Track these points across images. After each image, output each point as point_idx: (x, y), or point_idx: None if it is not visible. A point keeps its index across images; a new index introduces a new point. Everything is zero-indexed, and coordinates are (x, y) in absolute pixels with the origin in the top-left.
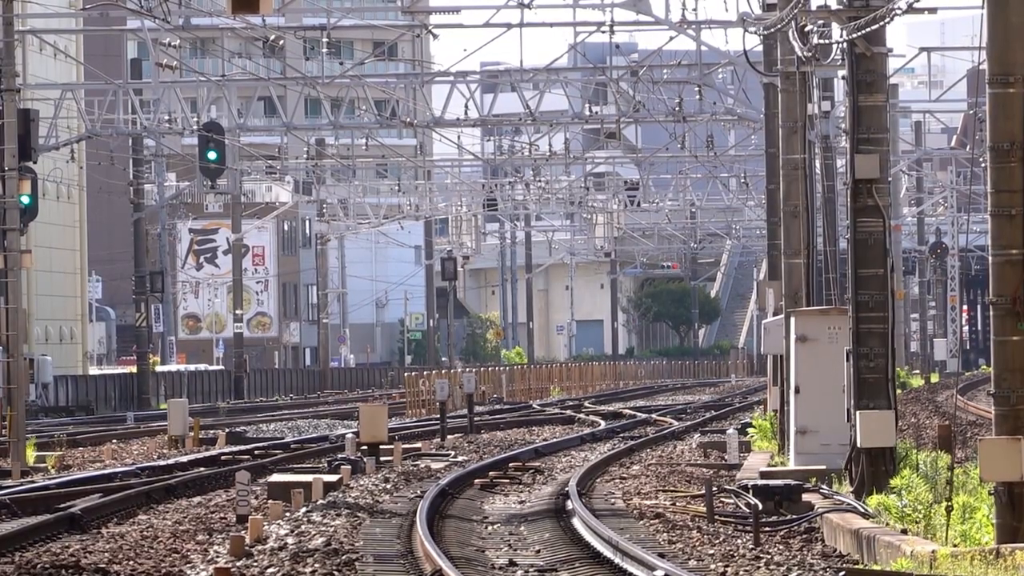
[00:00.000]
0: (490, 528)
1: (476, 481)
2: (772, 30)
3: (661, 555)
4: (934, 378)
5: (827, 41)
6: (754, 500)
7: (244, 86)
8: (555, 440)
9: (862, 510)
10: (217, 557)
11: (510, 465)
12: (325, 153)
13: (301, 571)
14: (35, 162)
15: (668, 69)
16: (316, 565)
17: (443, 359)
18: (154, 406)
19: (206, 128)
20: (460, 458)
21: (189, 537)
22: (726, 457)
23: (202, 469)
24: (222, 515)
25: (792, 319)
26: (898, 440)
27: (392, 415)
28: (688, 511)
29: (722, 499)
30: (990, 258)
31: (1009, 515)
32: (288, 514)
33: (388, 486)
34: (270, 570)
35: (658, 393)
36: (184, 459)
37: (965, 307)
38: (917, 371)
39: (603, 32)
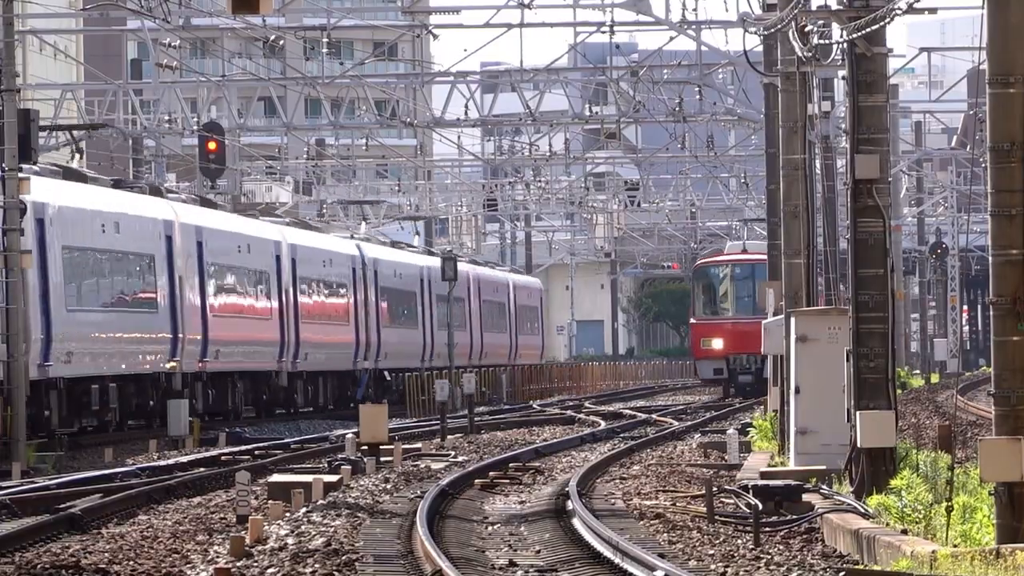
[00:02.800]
0: (490, 528)
1: (476, 481)
2: (772, 30)
3: (661, 555)
4: (934, 378)
5: (827, 41)
6: (754, 500)
7: (244, 86)
8: (555, 440)
9: (862, 510)
10: (217, 557)
11: (510, 465)
12: (325, 153)
13: (301, 571)
14: (35, 162)
15: (668, 69)
16: (316, 565)
17: None
18: None
19: (206, 128)
20: (460, 458)
21: (189, 537)
22: (726, 457)
23: (202, 469)
24: (222, 515)
25: (792, 319)
26: (898, 440)
27: (392, 415)
28: (688, 511)
29: (722, 499)
30: (990, 258)
31: (1009, 515)
32: (288, 514)
33: (388, 486)
34: (270, 570)
35: (658, 393)
36: (184, 459)
37: (965, 307)
38: (917, 371)
39: (603, 32)
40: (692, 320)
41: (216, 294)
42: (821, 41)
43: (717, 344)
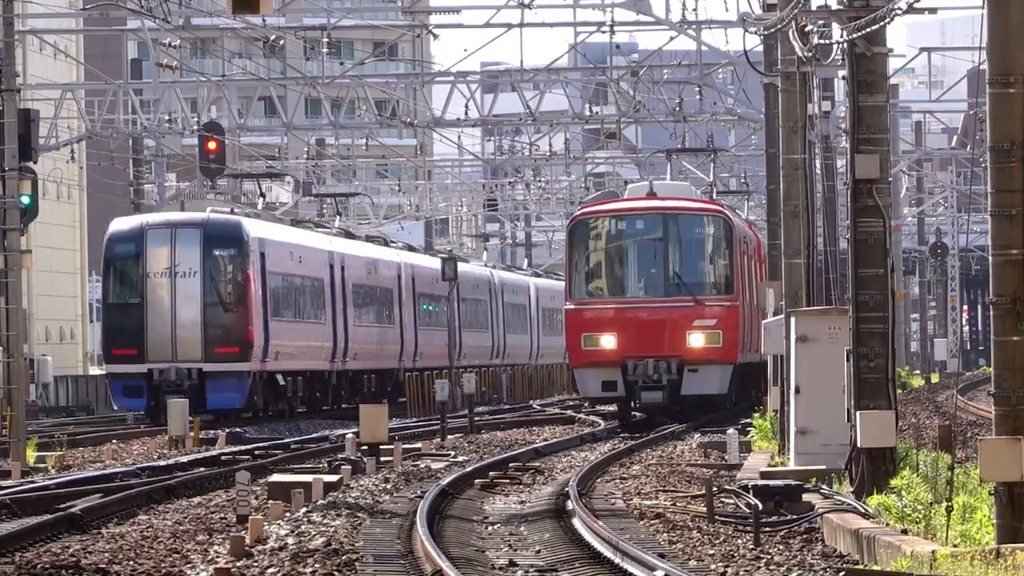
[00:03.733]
0: (490, 528)
1: (476, 481)
2: (772, 30)
3: (661, 555)
4: (934, 378)
5: (827, 41)
6: (754, 500)
7: (244, 86)
8: (555, 440)
9: (862, 510)
10: (217, 557)
11: (510, 465)
12: (325, 153)
13: (301, 571)
14: (35, 162)
15: (668, 69)
16: (316, 565)
17: None
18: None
19: (206, 128)
20: (460, 458)
21: (189, 537)
22: (726, 457)
23: (202, 469)
24: (222, 515)
25: (792, 319)
26: (898, 440)
27: (393, 415)
28: (688, 511)
29: (722, 499)
30: (990, 258)
31: (1009, 515)
32: (288, 514)
33: (388, 486)
34: (270, 570)
35: None
36: (184, 459)
37: (965, 307)
38: (917, 371)
39: (603, 32)
40: (568, 305)
41: (421, 317)
42: (821, 41)
43: (607, 342)
